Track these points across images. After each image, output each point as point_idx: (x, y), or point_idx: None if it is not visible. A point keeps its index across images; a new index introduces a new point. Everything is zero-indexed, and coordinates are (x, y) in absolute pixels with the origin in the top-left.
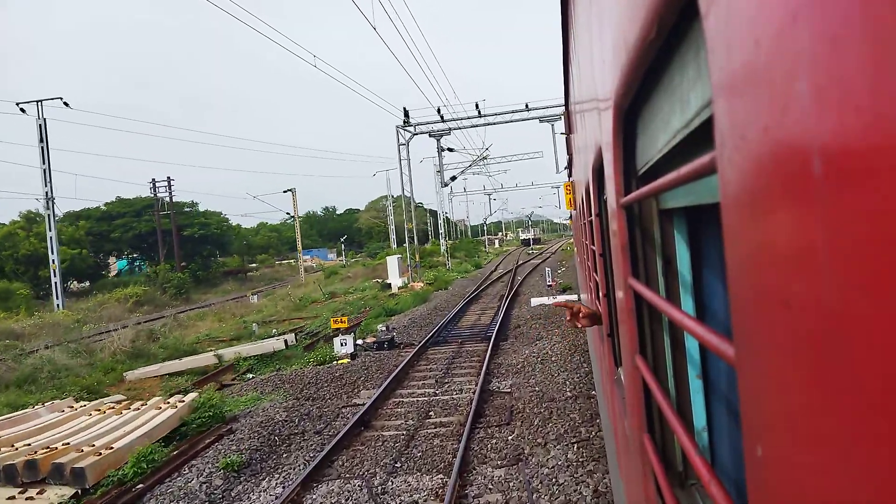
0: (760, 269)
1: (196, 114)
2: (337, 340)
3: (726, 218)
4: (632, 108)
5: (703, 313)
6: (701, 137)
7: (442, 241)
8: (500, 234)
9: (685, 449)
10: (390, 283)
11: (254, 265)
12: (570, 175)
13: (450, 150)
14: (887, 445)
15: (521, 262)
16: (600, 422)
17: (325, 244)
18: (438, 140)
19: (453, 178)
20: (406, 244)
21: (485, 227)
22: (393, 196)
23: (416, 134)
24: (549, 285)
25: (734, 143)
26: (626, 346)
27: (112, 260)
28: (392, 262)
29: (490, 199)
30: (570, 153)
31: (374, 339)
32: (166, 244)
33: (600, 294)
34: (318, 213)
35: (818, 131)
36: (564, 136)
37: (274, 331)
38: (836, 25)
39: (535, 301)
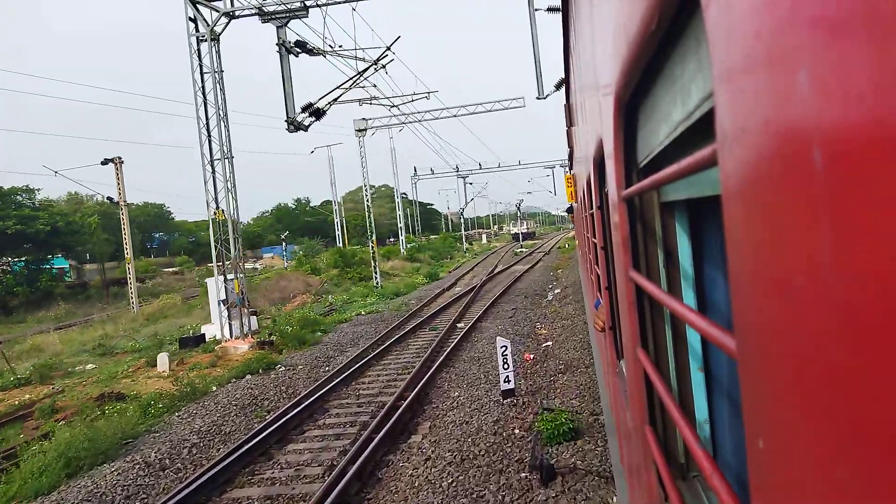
0: (762, 262)
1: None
2: None
3: (727, 210)
4: (633, 101)
5: (705, 306)
6: (702, 130)
7: (404, 237)
8: (494, 227)
9: (687, 441)
10: (201, 336)
11: (171, 269)
12: (570, 168)
13: (303, 47)
14: (887, 437)
15: (499, 268)
16: None
17: (294, 240)
18: (280, 27)
19: (315, 112)
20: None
21: (462, 219)
22: (374, 186)
23: (235, 16)
24: (506, 393)
25: (735, 136)
26: (627, 338)
27: None
28: (214, 290)
29: (465, 183)
30: (570, 146)
31: None
32: None
33: (601, 287)
34: (290, 205)
35: (819, 123)
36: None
37: None
38: (836, 16)
39: None
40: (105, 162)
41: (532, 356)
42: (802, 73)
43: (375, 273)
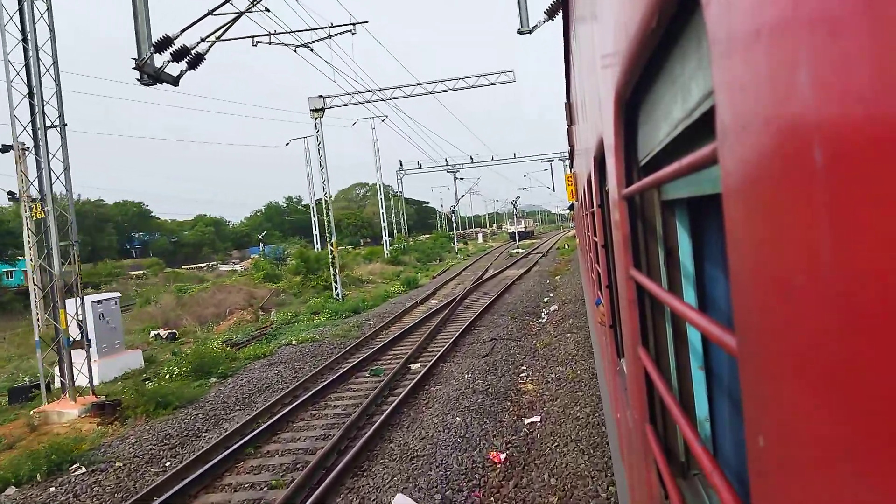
0: (762, 260)
1: None
2: None
3: (728, 209)
4: (633, 99)
5: (705, 304)
6: (702, 128)
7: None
8: (493, 226)
9: (687, 439)
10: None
11: (136, 273)
12: (571, 166)
13: None
14: (888, 436)
15: (489, 273)
16: None
17: (283, 240)
18: None
19: (184, 55)
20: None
21: (454, 217)
22: (368, 184)
23: None
24: None
25: (736, 134)
26: (628, 337)
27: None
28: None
29: (455, 178)
30: (571, 144)
31: None
32: None
33: (602, 285)
34: (281, 203)
35: (819, 121)
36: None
37: None
38: (836, 15)
39: None
40: (5, 149)
41: (504, 455)
42: (803, 72)
43: (335, 282)
